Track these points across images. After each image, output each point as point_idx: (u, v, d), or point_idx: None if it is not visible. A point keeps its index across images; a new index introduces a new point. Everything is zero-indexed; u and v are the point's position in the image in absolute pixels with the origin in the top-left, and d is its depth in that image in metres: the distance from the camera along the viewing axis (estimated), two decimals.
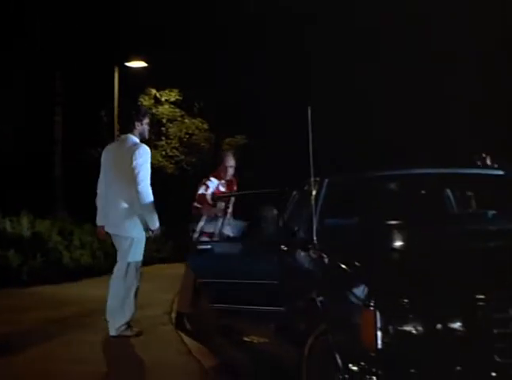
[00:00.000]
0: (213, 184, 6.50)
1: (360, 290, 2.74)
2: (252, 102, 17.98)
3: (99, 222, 5.88)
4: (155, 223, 5.73)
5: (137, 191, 5.56)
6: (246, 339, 5.70)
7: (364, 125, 17.71)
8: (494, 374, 2.54)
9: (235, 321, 5.60)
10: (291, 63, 18.51)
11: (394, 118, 17.08)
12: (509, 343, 2.57)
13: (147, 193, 5.61)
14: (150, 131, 6.15)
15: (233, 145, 17.67)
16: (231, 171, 6.63)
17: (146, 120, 5.87)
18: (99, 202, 5.89)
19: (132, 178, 5.54)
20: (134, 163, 5.54)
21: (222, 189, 6.56)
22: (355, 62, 17.81)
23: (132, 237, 5.66)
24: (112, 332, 5.58)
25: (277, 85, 18.29)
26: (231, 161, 6.64)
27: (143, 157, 5.62)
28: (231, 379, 4.54)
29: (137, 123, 5.77)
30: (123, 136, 5.90)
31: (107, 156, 5.90)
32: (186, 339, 5.61)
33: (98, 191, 5.92)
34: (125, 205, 5.63)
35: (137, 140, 5.78)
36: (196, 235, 5.32)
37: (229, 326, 5.75)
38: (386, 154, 13.80)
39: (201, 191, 6.39)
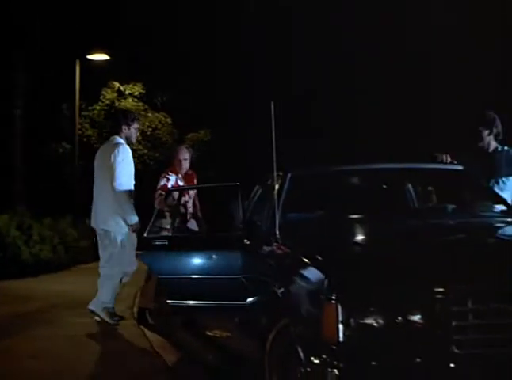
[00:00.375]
0: (173, 178, 6.56)
1: (321, 284, 2.75)
2: (217, 97, 17.94)
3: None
4: (132, 218, 5.82)
5: (112, 188, 5.74)
6: (209, 334, 5.72)
7: (335, 121, 17.82)
8: (452, 365, 2.59)
9: (198, 317, 5.60)
10: (256, 57, 18.51)
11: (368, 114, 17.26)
12: (467, 334, 2.61)
13: (122, 190, 5.78)
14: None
15: (195, 140, 17.61)
16: (185, 164, 6.62)
17: (134, 125, 6.09)
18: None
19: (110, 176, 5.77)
20: (111, 161, 5.77)
21: (180, 183, 6.57)
22: (323, 57, 17.91)
23: (111, 231, 5.82)
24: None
25: (241, 80, 18.28)
26: (185, 154, 6.66)
27: (121, 156, 5.82)
28: (194, 374, 4.53)
29: (124, 127, 5.99)
30: (111, 137, 6.11)
31: (96, 156, 6.18)
32: (148, 334, 5.58)
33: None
34: (106, 202, 5.85)
35: (121, 141, 5.96)
36: (149, 230, 5.27)
37: (191, 321, 5.76)
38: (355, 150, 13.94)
39: (163, 182, 6.48)
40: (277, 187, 4.18)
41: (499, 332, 2.62)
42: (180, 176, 6.61)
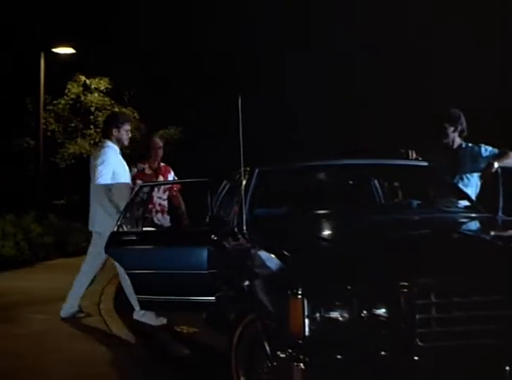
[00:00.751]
0: (135, 168, 6.61)
1: (288, 279, 2.77)
2: (187, 93, 17.85)
3: None
4: (114, 217, 5.71)
5: (94, 189, 5.85)
6: (178, 329, 5.71)
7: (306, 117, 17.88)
8: (416, 357, 2.63)
9: (166, 312, 5.58)
10: (225, 52, 18.47)
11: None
12: (430, 327, 2.65)
13: (101, 189, 5.80)
14: (79, 120, 6.32)
15: (165, 137, 17.48)
16: (160, 152, 6.65)
17: (125, 127, 6.09)
18: None
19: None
20: (95, 162, 5.87)
21: (148, 173, 6.56)
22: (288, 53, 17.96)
23: (100, 231, 5.83)
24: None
25: (210, 75, 18.23)
26: (159, 143, 6.73)
27: (103, 156, 5.87)
28: (163, 369, 4.51)
29: (114, 130, 6.01)
30: (102, 141, 6.25)
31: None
32: (115, 330, 5.54)
33: None
34: (95, 203, 5.92)
35: (109, 144, 6.00)
36: (118, 225, 5.23)
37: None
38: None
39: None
40: (244, 182, 4.19)
41: (462, 325, 2.66)
42: (148, 166, 6.61)
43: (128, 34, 17.44)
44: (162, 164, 6.73)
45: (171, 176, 6.72)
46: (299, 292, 2.63)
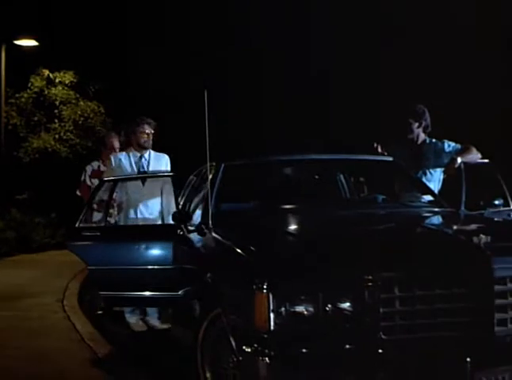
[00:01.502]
0: (91, 167, 6.59)
1: (253, 273, 2.77)
2: (152, 86, 17.69)
3: None
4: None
5: None
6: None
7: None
8: (380, 350, 2.65)
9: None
10: (192, 46, 18.36)
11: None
12: (394, 321, 2.68)
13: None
14: (43, 114, 6.25)
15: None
16: (117, 148, 6.56)
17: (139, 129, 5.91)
18: None
19: None
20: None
21: (103, 169, 6.46)
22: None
23: None
24: None
25: (175, 69, 18.11)
26: (117, 144, 6.59)
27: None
28: (125, 366, 4.47)
29: (132, 136, 5.87)
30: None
31: None
32: (79, 326, 5.48)
33: None
34: None
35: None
36: (81, 220, 5.16)
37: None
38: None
39: (82, 178, 6.59)
40: (210, 177, 4.17)
41: (425, 318, 2.70)
42: (102, 163, 6.58)
43: (92, 26, 17.21)
44: None
45: None
46: (265, 287, 2.63)
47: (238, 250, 3.09)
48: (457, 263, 2.78)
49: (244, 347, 2.68)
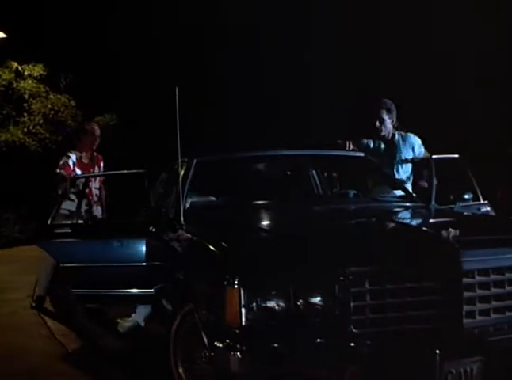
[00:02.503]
0: (74, 155, 6.35)
1: (224, 268, 2.77)
2: (124, 80, 17.53)
3: None
4: None
5: None
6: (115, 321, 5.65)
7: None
8: (352, 344, 2.68)
9: (103, 305, 5.49)
10: (162, 40, 18.24)
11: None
12: (364, 314, 2.72)
13: None
14: (11, 107, 6.18)
15: (101, 124, 17.11)
16: (97, 140, 6.45)
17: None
18: None
19: None
20: None
21: (85, 161, 6.38)
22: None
23: None
24: None
25: (148, 63, 17.97)
26: (97, 130, 6.50)
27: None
28: (96, 361, 4.46)
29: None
30: None
31: None
32: (49, 322, 5.45)
33: None
34: None
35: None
36: (53, 217, 5.10)
37: (96, 310, 5.65)
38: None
39: (62, 161, 6.29)
40: (182, 173, 4.16)
41: (395, 312, 2.73)
42: (84, 154, 6.41)
43: (62, 17, 16.97)
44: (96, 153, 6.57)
45: (101, 166, 6.59)
46: (236, 282, 2.64)
47: (210, 246, 3.09)
48: (426, 256, 2.82)
49: (216, 343, 2.69)
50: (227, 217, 3.88)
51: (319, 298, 2.68)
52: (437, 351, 2.62)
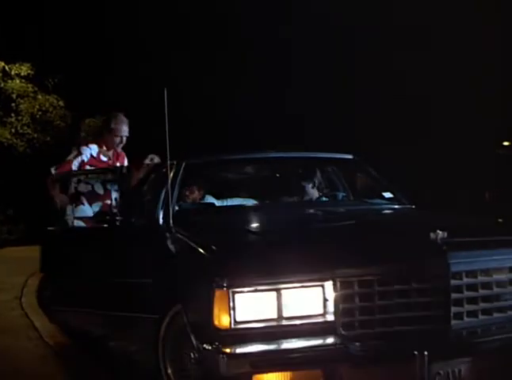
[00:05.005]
0: (88, 150, 5.34)
1: (213, 271, 2.77)
2: (115, 81, 17.49)
3: None
4: None
5: None
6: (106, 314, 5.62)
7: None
8: (340, 346, 2.67)
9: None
10: (152, 41, 18.21)
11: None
12: (353, 316, 2.72)
13: None
14: None
15: (92, 126, 17.04)
16: (123, 143, 5.44)
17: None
18: None
19: None
20: None
21: (104, 159, 5.39)
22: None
23: None
24: None
25: (137, 64, 17.94)
26: (126, 131, 5.43)
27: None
28: (85, 363, 4.43)
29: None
30: None
31: None
32: (37, 324, 5.41)
33: None
34: None
35: None
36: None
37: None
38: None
39: (69, 157, 5.32)
40: (171, 175, 4.15)
41: (383, 313, 2.75)
42: (105, 149, 5.40)
43: (50, 16, 16.89)
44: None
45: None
46: (224, 284, 2.64)
47: (198, 248, 3.09)
48: (415, 258, 2.84)
49: (204, 345, 2.69)
50: (216, 219, 3.88)
51: (308, 301, 2.69)
52: (426, 353, 2.64)
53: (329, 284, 2.68)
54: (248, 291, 2.65)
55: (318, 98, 16.65)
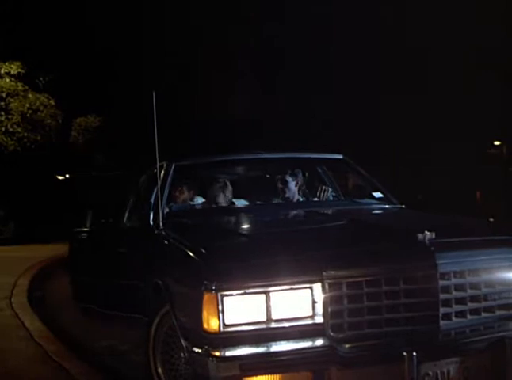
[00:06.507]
0: None
1: (202, 273, 2.76)
2: (106, 80, 17.42)
3: None
4: None
5: None
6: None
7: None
8: (329, 348, 2.68)
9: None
10: (145, 40, 18.16)
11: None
12: (342, 318, 2.72)
13: None
14: None
15: (84, 125, 16.98)
16: None
17: None
18: None
19: None
20: None
21: None
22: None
23: None
24: None
25: (130, 63, 17.87)
26: None
27: None
28: (74, 364, 4.41)
29: None
30: None
31: None
32: (27, 323, 5.39)
33: None
34: None
35: None
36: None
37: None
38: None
39: None
40: (161, 176, 4.14)
41: (372, 314, 2.75)
42: None
43: (41, 14, 16.79)
44: None
45: None
46: (213, 287, 2.63)
47: (188, 251, 3.08)
48: (403, 259, 2.84)
49: (194, 348, 2.69)
50: (205, 221, 3.88)
51: (296, 303, 2.68)
52: (414, 354, 2.65)
53: (317, 286, 2.68)
54: (237, 294, 2.64)
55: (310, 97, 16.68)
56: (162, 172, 4.15)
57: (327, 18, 17.23)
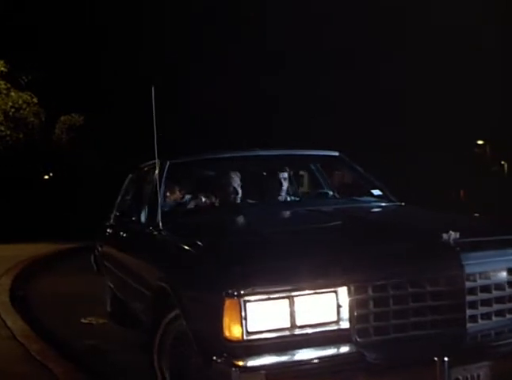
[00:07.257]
0: None
1: (221, 278, 2.58)
2: (93, 78, 17.19)
3: None
4: None
5: None
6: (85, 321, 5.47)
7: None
8: (356, 353, 2.54)
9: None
10: (133, 38, 17.97)
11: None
12: (368, 322, 2.60)
13: None
14: None
15: (68, 123, 16.73)
16: None
17: None
18: None
19: None
20: None
21: None
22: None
23: None
24: None
25: (120, 60, 17.67)
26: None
27: None
28: (58, 364, 4.22)
29: None
30: None
31: None
32: (9, 323, 5.23)
33: None
34: None
35: None
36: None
37: None
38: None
39: None
40: (155, 175, 4.00)
41: (398, 318, 2.63)
42: None
43: (24, 12, 16.53)
44: None
45: None
46: (235, 293, 2.46)
47: (199, 252, 2.93)
48: (428, 260, 2.72)
49: (214, 358, 2.50)
50: (204, 220, 3.77)
51: (321, 307, 2.54)
52: (446, 359, 2.52)
53: (343, 290, 2.55)
54: (260, 300, 2.48)
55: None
56: (156, 171, 4.02)
57: (327, 18, 17.25)
